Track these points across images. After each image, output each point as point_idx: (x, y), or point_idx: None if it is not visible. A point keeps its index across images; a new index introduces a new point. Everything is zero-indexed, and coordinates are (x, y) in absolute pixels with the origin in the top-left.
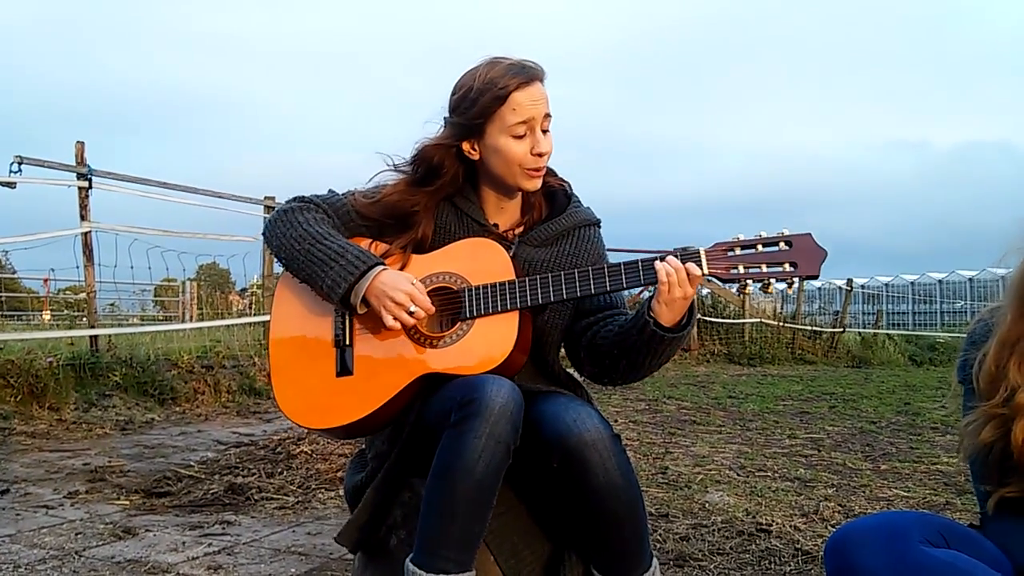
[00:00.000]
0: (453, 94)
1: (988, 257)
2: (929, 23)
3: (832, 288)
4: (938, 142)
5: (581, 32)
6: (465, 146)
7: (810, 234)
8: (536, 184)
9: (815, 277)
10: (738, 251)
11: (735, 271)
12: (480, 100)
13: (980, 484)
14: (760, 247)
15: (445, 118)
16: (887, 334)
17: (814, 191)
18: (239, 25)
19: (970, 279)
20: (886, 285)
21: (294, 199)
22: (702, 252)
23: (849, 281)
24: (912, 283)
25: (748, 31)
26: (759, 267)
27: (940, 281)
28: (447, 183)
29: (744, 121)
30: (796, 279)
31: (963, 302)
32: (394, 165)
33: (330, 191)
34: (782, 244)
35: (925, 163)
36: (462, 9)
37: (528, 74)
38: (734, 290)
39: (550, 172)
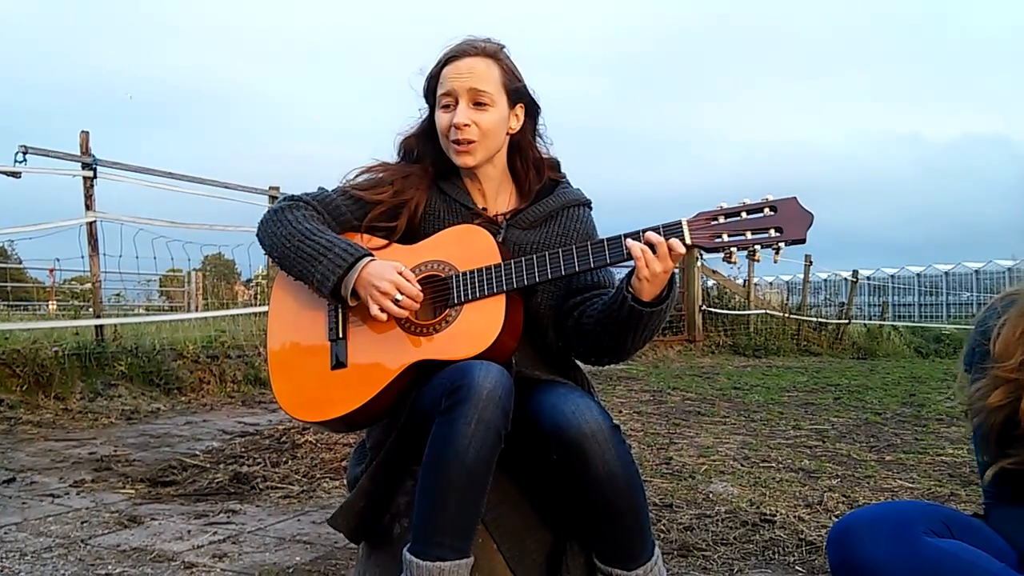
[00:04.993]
0: None
1: (994, 249)
2: (925, 16)
3: (838, 279)
4: (935, 135)
5: (579, 22)
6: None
7: (795, 198)
8: (464, 160)
9: (802, 242)
10: (722, 219)
11: (719, 239)
12: (426, 86)
13: (982, 456)
14: (744, 214)
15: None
16: (892, 326)
17: (812, 183)
18: (240, 18)
19: (976, 271)
20: (892, 277)
21: (284, 199)
22: (684, 222)
23: (855, 273)
24: (918, 275)
25: (744, 24)
26: (744, 234)
27: (946, 273)
28: (430, 162)
29: (740, 113)
30: (782, 244)
31: (969, 294)
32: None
33: (320, 188)
34: (767, 210)
35: (922, 156)
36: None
37: (456, 50)
38: (720, 259)
39: (552, 167)
